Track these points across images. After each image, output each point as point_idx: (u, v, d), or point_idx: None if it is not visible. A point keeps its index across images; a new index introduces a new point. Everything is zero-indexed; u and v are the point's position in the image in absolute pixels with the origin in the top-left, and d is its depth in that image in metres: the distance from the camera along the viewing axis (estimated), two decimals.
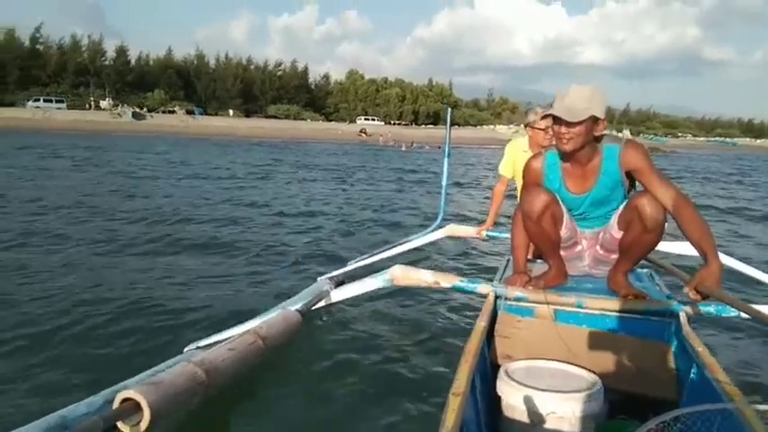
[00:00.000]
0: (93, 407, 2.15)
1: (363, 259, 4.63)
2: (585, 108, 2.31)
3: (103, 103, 67.18)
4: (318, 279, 4.03)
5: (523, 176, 2.74)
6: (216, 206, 9.47)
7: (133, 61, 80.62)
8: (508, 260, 3.25)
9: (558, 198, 2.58)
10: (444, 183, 5.61)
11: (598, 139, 2.45)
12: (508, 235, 4.17)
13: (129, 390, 1.98)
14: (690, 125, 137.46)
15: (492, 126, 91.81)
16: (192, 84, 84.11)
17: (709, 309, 2.53)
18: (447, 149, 5.45)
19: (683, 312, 2.33)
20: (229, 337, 2.69)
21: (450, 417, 1.41)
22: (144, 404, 1.93)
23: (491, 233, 4.47)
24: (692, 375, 2.03)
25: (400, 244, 4.92)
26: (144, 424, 1.92)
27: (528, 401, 1.78)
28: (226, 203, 9.88)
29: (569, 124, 2.34)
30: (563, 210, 2.60)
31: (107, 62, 75.40)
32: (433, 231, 4.99)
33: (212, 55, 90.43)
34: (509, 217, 4.51)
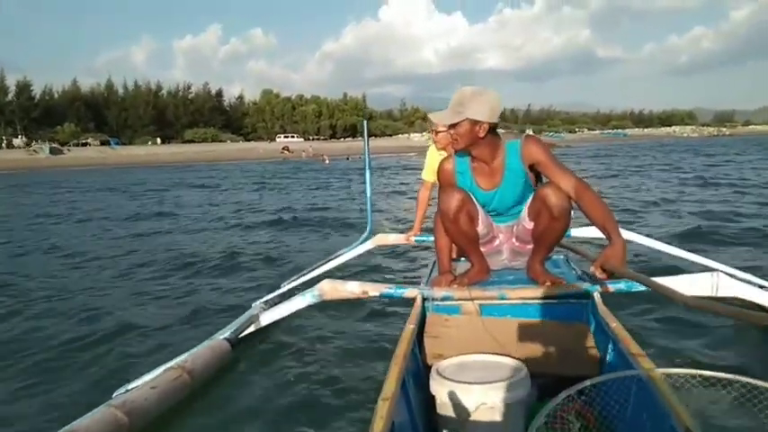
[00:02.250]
0: None
1: (296, 279, 4.55)
2: (457, 112, 2.43)
3: (16, 141, 64.92)
4: (253, 305, 3.88)
5: (438, 179, 2.81)
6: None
7: (38, 96, 76.54)
8: (434, 263, 3.28)
9: (472, 196, 2.65)
10: (368, 194, 5.58)
11: (496, 137, 2.55)
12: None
13: None
14: (587, 120, 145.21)
15: (407, 135, 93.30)
16: (101, 114, 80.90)
17: (620, 286, 2.64)
18: (367, 161, 5.43)
19: (597, 293, 2.43)
20: (155, 377, 2.56)
21: (379, 423, 1.39)
22: None
23: (419, 238, 4.50)
24: (609, 351, 2.11)
25: (331, 259, 4.85)
26: None
27: (459, 396, 1.80)
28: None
29: (452, 126, 2.47)
30: (477, 207, 2.66)
31: (9, 99, 71.19)
32: (362, 243, 4.94)
33: (119, 83, 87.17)
34: None
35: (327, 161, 44.55)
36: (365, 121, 5.97)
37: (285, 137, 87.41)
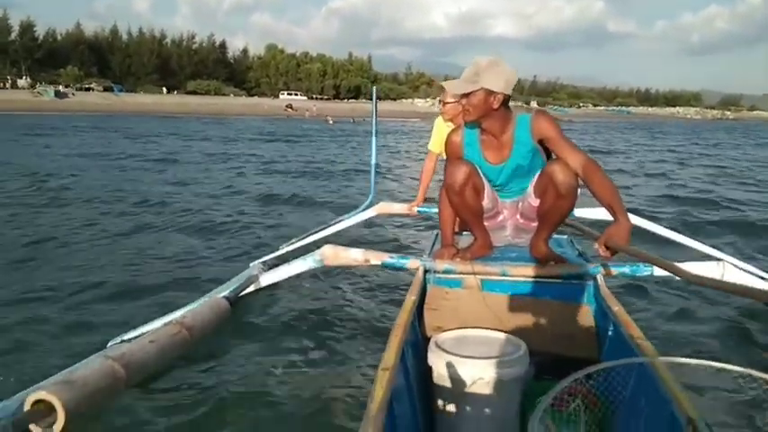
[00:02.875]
0: (6, 411, 1.98)
1: (295, 242, 4.52)
2: (473, 81, 2.37)
3: (21, 82, 63.86)
4: (250, 264, 3.88)
5: (445, 150, 2.78)
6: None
7: (41, 37, 75.21)
8: (437, 235, 3.26)
9: (479, 169, 2.61)
10: (373, 161, 5.52)
11: (507, 110, 2.50)
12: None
13: (41, 391, 1.85)
14: (593, 95, 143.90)
15: (411, 100, 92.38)
16: (105, 59, 79.62)
17: (624, 270, 2.64)
18: (374, 127, 5.33)
19: (600, 274, 2.42)
20: (153, 330, 2.55)
21: (379, 391, 1.40)
22: (57, 404, 1.82)
23: (422, 209, 4.47)
24: (610, 334, 2.10)
25: (332, 225, 4.82)
26: (59, 425, 1.81)
27: (456, 369, 1.80)
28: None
29: (465, 96, 2.41)
30: (484, 181, 2.63)
31: (12, 38, 70.01)
32: (364, 210, 4.90)
33: (123, 29, 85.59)
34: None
35: (332, 122, 44.14)
36: (374, 88, 5.89)
37: (289, 94, 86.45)
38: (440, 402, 1.88)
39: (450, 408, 1.84)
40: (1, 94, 53.78)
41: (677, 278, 2.51)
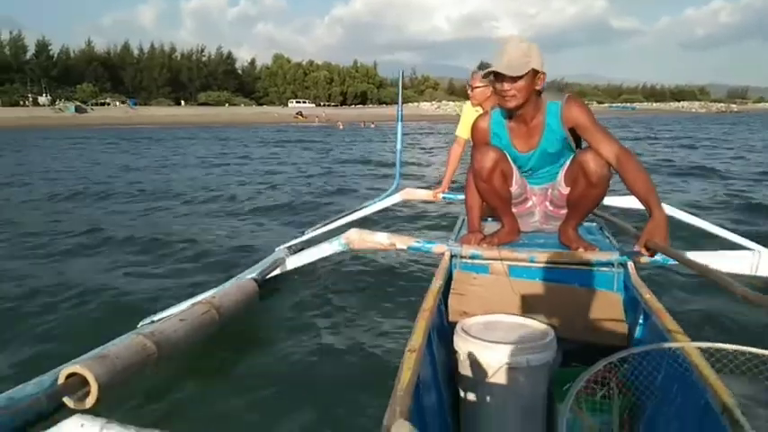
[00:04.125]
0: (41, 386, 2.02)
1: (320, 227, 4.44)
2: (525, 62, 2.23)
3: (42, 99, 65.49)
4: (276, 249, 3.86)
5: (472, 137, 2.67)
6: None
7: (55, 55, 76.25)
8: (463, 220, 3.20)
9: (507, 155, 2.52)
10: (399, 146, 5.40)
11: (539, 95, 2.38)
12: (463, 196, 4.16)
13: (75, 365, 1.84)
14: (598, 93, 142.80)
15: (417, 104, 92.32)
16: (117, 75, 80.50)
17: (656, 258, 2.48)
18: (400, 113, 5.22)
19: (631, 262, 2.33)
20: (183, 310, 2.56)
21: (407, 373, 1.38)
22: (90, 378, 1.82)
23: (447, 195, 4.38)
24: (640, 322, 2.04)
25: (357, 210, 4.73)
26: (91, 398, 1.81)
27: (483, 354, 1.76)
28: None
29: (512, 80, 2.24)
30: (512, 167, 2.54)
31: (28, 57, 71.11)
32: (389, 196, 4.80)
33: (133, 44, 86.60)
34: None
35: (342, 126, 44.69)
36: (401, 71, 5.88)
37: (297, 102, 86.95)
38: (465, 387, 1.84)
39: (476, 392, 1.80)
40: (23, 111, 55.29)
41: (710, 268, 2.47)
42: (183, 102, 79.22)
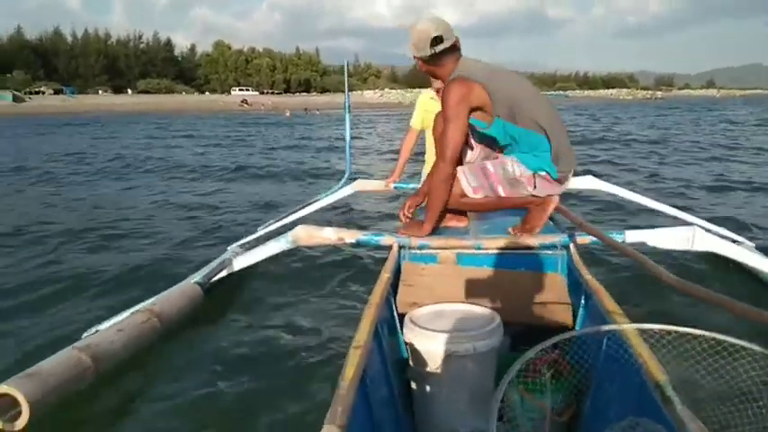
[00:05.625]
0: None
1: (272, 223, 4.32)
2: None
3: None
4: (227, 248, 3.71)
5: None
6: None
7: None
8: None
9: None
10: (348, 138, 5.28)
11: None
12: (415, 185, 4.12)
13: (2, 385, 1.75)
14: (534, 80, 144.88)
15: (360, 92, 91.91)
16: (51, 62, 76.51)
17: (595, 238, 2.52)
18: (347, 102, 5.10)
19: (573, 244, 2.36)
20: (122, 320, 2.43)
21: (350, 370, 1.34)
22: (20, 397, 1.74)
23: (399, 185, 4.34)
24: (582, 302, 2.07)
25: (309, 204, 4.62)
26: (23, 418, 1.73)
27: (430, 344, 1.76)
28: None
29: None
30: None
31: None
32: (341, 188, 4.71)
33: (65, 30, 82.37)
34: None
35: (289, 114, 44.29)
36: (346, 61, 5.78)
37: (240, 89, 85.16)
38: (416, 377, 1.84)
39: (427, 382, 1.80)
40: None
41: (649, 245, 2.52)
42: (120, 90, 76.02)
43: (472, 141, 2.59)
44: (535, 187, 2.45)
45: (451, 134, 2.30)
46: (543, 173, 2.41)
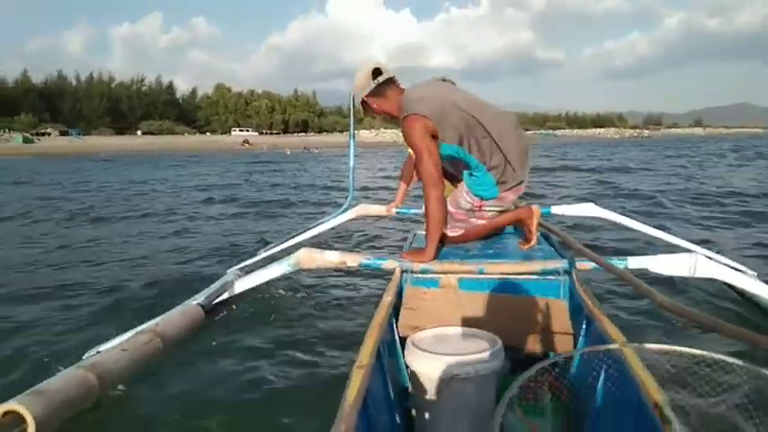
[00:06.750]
0: None
1: (273, 246, 4.31)
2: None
3: None
4: (227, 271, 3.72)
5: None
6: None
7: None
8: (414, 235, 3.19)
9: None
10: (351, 164, 5.25)
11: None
12: (416, 210, 4.16)
13: (11, 402, 1.71)
14: (525, 120, 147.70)
15: (357, 131, 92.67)
16: (56, 105, 77.38)
17: (595, 265, 2.52)
18: (352, 130, 5.08)
19: (575, 270, 2.36)
20: (126, 339, 2.49)
21: (353, 390, 1.34)
22: (27, 415, 1.69)
23: (400, 210, 4.33)
24: (583, 327, 2.06)
25: (310, 228, 4.60)
26: None
27: (432, 367, 1.75)
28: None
29: None
30: None
31: None
32: (343, 212, 4.68)
33: (68, 73, 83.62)
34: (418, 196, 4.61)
35: (289, 152, 46.43)
36: (352, 95, 5.88)
37: (241, 130, 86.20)
38: (417, 400, 1.84)
39: (427, 405, 1.79)
40: None
41: (652, 271, 2.50)
42: (123, 131, 76.74)
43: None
44: (487, 210, 2.72)
45: (426, 162, 2.47)
46: (488, 197, 2.67)
